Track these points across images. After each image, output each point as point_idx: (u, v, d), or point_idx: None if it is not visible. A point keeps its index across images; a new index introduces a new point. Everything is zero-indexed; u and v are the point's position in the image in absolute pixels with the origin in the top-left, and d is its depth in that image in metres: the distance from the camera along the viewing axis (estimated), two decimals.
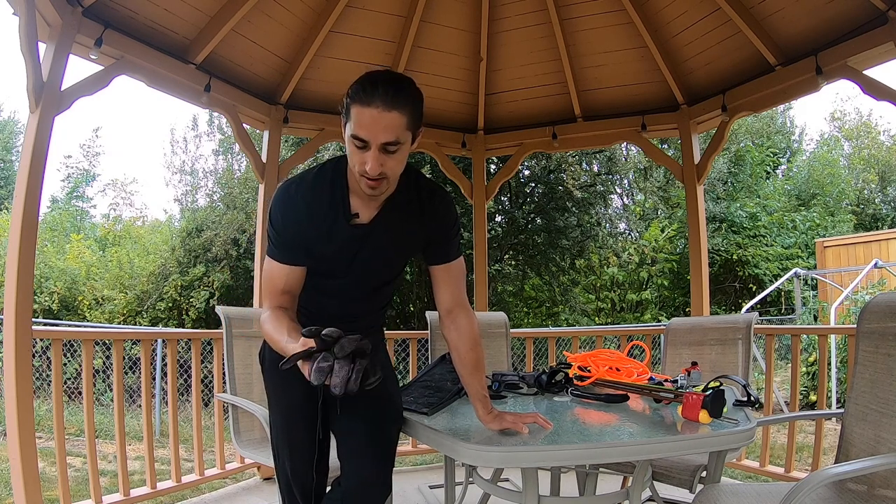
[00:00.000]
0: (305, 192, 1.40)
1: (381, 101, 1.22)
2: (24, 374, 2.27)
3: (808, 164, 15.57)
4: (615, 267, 11.05)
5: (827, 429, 4.21)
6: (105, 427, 5.62)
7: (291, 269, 1.42)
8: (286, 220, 1.39)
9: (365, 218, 1.42)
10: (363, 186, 1.32)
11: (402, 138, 1.27)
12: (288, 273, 1.42)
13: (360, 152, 1.27)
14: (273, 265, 1.43)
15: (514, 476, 2.82)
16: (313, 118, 3.77)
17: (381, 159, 1.27)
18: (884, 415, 1.53)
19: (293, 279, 1.43)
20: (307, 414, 1.51)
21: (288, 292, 1.43)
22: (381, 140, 1.25)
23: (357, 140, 1.26)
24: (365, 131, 1.24)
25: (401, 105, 1.24)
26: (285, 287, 1.42)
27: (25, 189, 2.33)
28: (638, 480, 1.54)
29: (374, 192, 1.33)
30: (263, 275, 1.47)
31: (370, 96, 1.23)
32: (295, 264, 1.42)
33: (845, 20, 2.84)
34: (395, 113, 1.24)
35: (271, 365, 1.59)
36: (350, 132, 1.27)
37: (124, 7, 2.76)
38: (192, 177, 12.34)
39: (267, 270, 1.45)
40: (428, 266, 1.54)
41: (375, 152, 1.25)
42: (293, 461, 1.56)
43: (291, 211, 1.39)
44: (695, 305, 3.67)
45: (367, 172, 1.27)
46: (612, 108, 3.89)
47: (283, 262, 1.42)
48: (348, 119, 1.28)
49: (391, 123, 1.24)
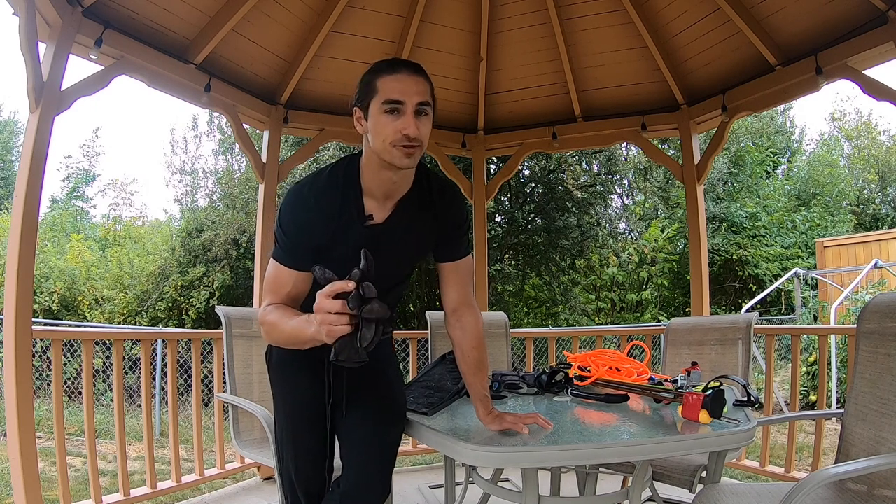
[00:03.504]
0: (318, 194, 1.37)
1: (409, 69, 1.32)
2: (24, 374, 2.27)
3: (808, 164, 15.57)
4: (615, 267, 11.04)
5: (827, 429, 4.21)
6: (105, 427, 5.62)
7: (300, 274, 1.37)
8: (298, 224, 1.36)
9: (378, 218, 1.40)
10: (398, 157, 1.30)
11: (431, 102, 1.34)
12: (296, 278, 1.37)
13: (394, 120, 1.29)
14: (281, 270, 1.38)
15: (514, 476, 2.82)
16: (313, 118, 3.77)
17: (415, 121, 1.29)
18: (884, 415, 1.53)
19: (301, 285, 1.39)
20: (315, 414, 1.50)
21: (292, 297, 1.38)
22: (416, 99, 1.29)
23: (391, 104, 1.28)
24: (398, 93, 1.29)
25: (425, 75, 1.34)
26: (291, 292, 1.38)
27: (25, 189, 2.33)
28: (638, 480, 1.54)
29: (409, 162, 1.31)
30: (269, 277, 1.41)
31: (398, 66, 1.32)
32: (304, 269, 1.37)
33: (845, 20, 2.84)
34: (422, 79, 1.32)
35: (279, 364, 1.57)
36: (381, 100, 1.29)
37: (124, 7, 2.76)
38: (192, 177, 12.33)
39: (273, 274, 1.40)
40: (436, 262, 1.54)
41: (411, 114, 1.29)
42: (298, 461, 1.54)
43: (304, 213, 1.36)
44: (695, 305, 3.67)
45: (406, 136, 1.28)
46: (612, 108, 3.89)
47: (292, 268, 1.37)
48: (373, 94, 1.30)
49: (422, 86, 1.32)
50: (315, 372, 1.50)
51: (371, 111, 1.31)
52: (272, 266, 1.41)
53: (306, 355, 1.47)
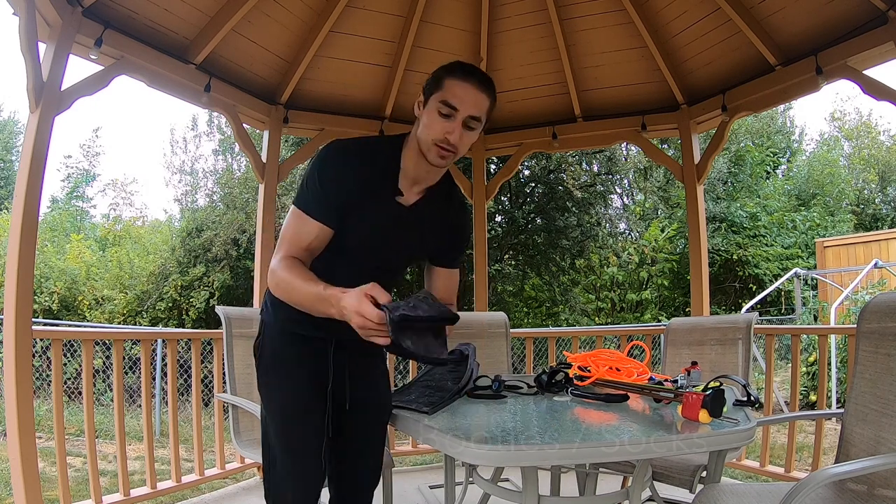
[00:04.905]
0: (367, 153, 1.42)
1: (478, 81, 1.37)
2: (24, 374, 2.27)
3: (808, 164, 15.57)
4: (615, 267, 11.04)
5: (827, 429, 4.21)
6: (105, 427, 5.62)
7: (323, 228, 1.39)
8: (341, 175, 1.38)
9: (405, 201, 1.45)
10: (433, 155, 1.36)
11: (483, 119, 1.40)
12: (319, 231, 1.39)
13: (443, 121, 1.35)
14: (305, 220, 1.38)
15: (514, 476, 2.82)
16: (313, 118, 3.77)
17: (460, 131, 1.35)
18: (884, 415, 1.53)
19: (321, 238, 1.40)
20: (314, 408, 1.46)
21: (309, 250, 1.40)
22: (471, 112, 1.35)
23: (446, 107, 1.34)
24: (458, 100, 1.34)
25: (490, 92, 1.39)
26: (310, 244, 1.39)
27: (25, 189, 2.33)
28: (638, 480, 1.54)
29: (441, 163, 1.38)
30: (288, 227, 1.41)
31: (470, 75, 1.36)
32: (329, 224, 1.39)
33: (845, 20, 2.84)
34: (485, 96, 1.38)
35: (272, 359, 1.50)
36: (440, 99, 1.34)
37: (124, 7, 2.76)
38: (192, 177, 12.35)
39: (295, 224, 1.40)
40: (430, 265, 1.59)
41: (460, 123, 1.35)
42: (296, 465, 1.47)
43: (350, 167, 1.39)
44: (695, 305, 3.67)
45: (447, 140, 1.34)
46: (612, 107, 3.89)
47: (318, 220, 1.38)
48: (438, 89, 1.36)
49: (481, 102, 1.37)
50: (316, 366, 1.49)
51: (429, 103, 1.37)
52: (295, 216, 1.40)
53: (306, 349, 1.48)
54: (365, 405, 1.52)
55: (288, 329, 1.49)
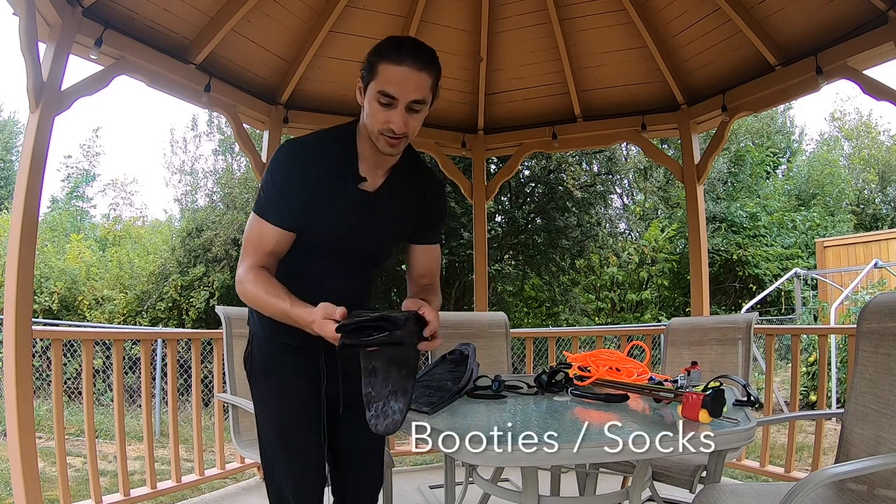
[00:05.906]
0: (315, 151, 1.37)
1: (412, 60, 1.27)
2: (24, 374, 2.27)
3: (807, 164, 15.55)
4: (615, 267, 11.04)
5: (827, 429, 4.21)
6: (105, 427, 5.62)
7: (283, 232, 1.36)
8: (291, 179, 1.34)
9: (370, 186, 1.41)
10: (382, 144, 1.32)
11: (427, 98, 1.31)
12: (280, 236, 1.37)
13: (384, 110, 1.28)
14: (264, 226, 1.36)
15: (514, 476, 2.82)
16: (313, 118, 3.76)
17: (405, 118, 1.29)
18: (884, 415, 1.53)
19: (283, 242, 1.38)
20: (311, 416, 1.45)
21: (274, 254, 1.38)
22: (411, 98, 1.28)
23: (384, 97, 1.27)
24: (395, 88, 1.27)
25: (430, 66, 1.29)
26: (273, 249, 1.38)
27: (25, 189, 2.33)
28: (638, 480, 1.54)
29: (392, 151, 1.33)
30: (250, 233, 1.40)
31: (402, 55, 1.27)
32: (288, 227, 1.36)
33: (845, 20, 2.84)
34: (425, 74, 1.28)
35: (263, 368, 1.49)
36: (377, 89, 1.28)
37: (124, 7, 2.76)
38: (192, 177, 12.33)
39: (255, 230, 1.38)
40: (410, 244, 1.55)
41: (402, 110, 1.28)
42: (294, 473, 1.45)
43: (298, 169, 1.35)
44: (695, 305, 3.67)
45: (392, 130, 1.29)
46: (612, 108, 3.88)
47: (278, 226, 1.36)
48: (373, 77, 1.29)
49: (421, 83, 1.28)
50: (307, 372, 1.47)
51: (368, 92, 1.31)
52: (255, 222, 1.38)
53: (296, 356, 1.45)
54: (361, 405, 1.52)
55: (276, 338, 1.46)
